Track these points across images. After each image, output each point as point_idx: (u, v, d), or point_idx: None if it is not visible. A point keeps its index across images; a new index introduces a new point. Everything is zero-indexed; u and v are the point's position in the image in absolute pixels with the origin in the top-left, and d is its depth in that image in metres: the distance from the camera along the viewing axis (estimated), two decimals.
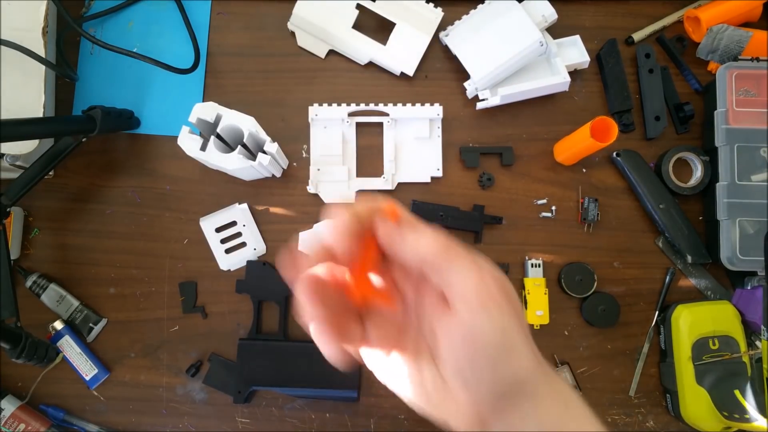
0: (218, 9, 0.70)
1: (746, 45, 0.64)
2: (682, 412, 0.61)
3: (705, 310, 0.62)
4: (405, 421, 0.64)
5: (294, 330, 0.66)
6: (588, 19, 0.70)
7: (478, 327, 0.26)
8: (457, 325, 0.27)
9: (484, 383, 0.27)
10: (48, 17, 0.62)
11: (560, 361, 0.65)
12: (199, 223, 0.66)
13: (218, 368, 0.64)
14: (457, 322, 0.27)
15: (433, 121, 0.67)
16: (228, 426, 0.64)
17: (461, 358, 0.27)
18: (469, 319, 0.27)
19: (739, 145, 0.62)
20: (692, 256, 0.64)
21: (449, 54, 0.68)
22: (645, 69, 0.68)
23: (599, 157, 0.68)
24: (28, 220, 0.67)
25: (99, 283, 0.66)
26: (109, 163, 0.68)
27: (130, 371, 0.65)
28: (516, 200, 0.67)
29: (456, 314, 0.27)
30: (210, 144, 0.58)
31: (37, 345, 0.59)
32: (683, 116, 0.67)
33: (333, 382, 0.60)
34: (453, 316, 0.27)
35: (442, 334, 0.28)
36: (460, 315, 0.27)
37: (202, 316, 0.66)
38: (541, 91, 0.65)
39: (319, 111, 0.66)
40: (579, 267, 0.65)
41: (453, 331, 0.27)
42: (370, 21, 0.68)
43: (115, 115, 0.63)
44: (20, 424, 0.62)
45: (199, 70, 0.67)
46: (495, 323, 0.27)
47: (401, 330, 0.30)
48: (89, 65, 0.69)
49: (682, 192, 0.65)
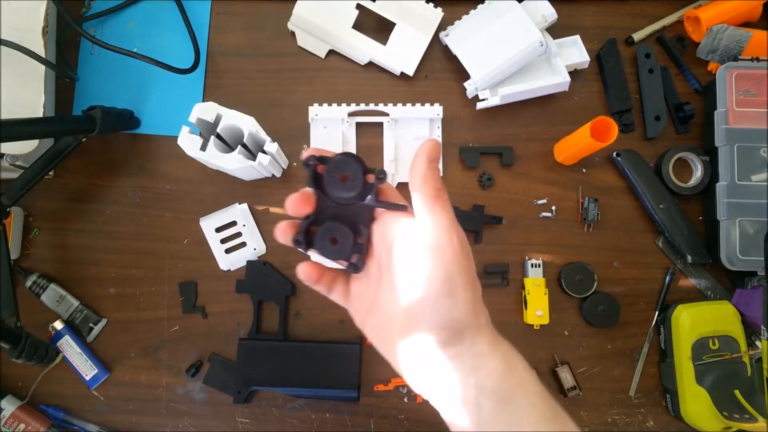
0: (218, 9, 0.70)
1: (746, 45, 0.64)
2: (682, 412, 0.61)
3: (705, 310, 0.62)
4: (405, 421, 0.64)
5: (294, 330, 0.66)
6: (588, 19, 0.70)
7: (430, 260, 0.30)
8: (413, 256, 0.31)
9: (427, 322, 0.31)
10: (48, 17, 0.62)
11: (560, 361, 0.65)
12: (199, 223, 0.66)
13: (218, 368, 0.64)
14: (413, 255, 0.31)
15: (433, 121, 0.67)
16: (228, 426, 0.64)
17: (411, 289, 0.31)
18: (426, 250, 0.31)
19: (739, 145, 0.62)
20: (692, 256, 0.64)
21: (449, 54, 0.68)
22: (645, 69, 0.68)
23: (599, 157, 0.68)
24: (28, 220, 0.67)
25: (99, 283, 0.66)
26: (109, 163, 0.68)
27: (130, 371, 0.65)
28: (516, 200, 0.67)
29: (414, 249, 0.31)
30: (210, 144, 0.58)
31: (37, 345, 0.59)
32: (683, 116, 0.67)
33: (333, 382, 0.60)
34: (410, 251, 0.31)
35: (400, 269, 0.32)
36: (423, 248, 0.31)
37: (202, 316, 0.66)
38: (541, 91, 0.65)
39: (319, 111, 0.66)
40: (579, 267, 0.65)
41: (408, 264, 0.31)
42: (370, 21, 0.68)
43: (115, 115, 0.63)
44: (20, 424, 0.62)
45: (199, 70, 0.67)
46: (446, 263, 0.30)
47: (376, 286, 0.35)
48: (89, 65, 0.69)
49: (682, 192, 0.65)
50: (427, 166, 0.32)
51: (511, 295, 0.66)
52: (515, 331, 0.66)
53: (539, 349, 0.65)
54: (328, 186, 0.33)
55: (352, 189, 0.33)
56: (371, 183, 0.33)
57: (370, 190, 0.33)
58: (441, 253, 0.30)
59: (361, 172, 0.33)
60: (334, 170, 0.33)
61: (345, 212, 0.34)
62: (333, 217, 0.34)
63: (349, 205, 0.34)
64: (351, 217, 0.34)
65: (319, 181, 0.34)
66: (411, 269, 0.31)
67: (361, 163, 0.33)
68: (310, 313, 0.66)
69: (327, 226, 0.33)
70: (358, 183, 0.33)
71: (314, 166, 0.33)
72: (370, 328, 0.35)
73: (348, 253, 0.33)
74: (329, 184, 0.33)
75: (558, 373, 0.64)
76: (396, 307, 0.33)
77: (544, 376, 0.65)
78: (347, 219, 0.34)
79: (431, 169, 0.32)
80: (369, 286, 0.35)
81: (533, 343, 0.65)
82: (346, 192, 0.33)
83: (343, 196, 0.33)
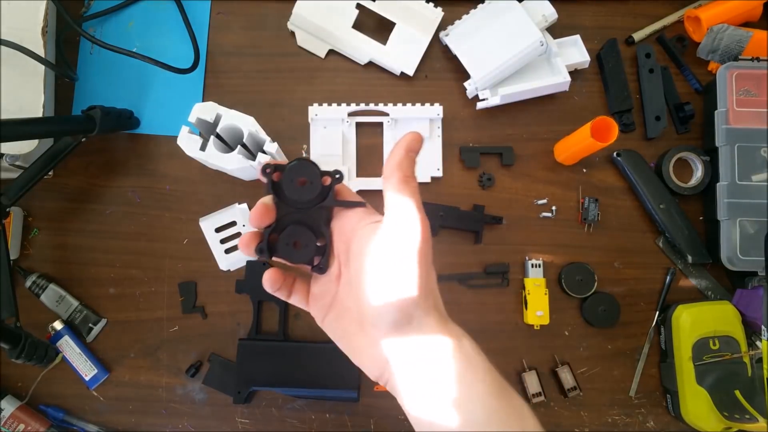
0: (218, 9, 0.70)
1: (746, 45, 0.64)
2: (682, 412, 0.61)
3: (705, 311, 0.61)
4: (405, 422, 0.64)
5: (294, 330, 0.66)
6: (588, 19, 0.70)
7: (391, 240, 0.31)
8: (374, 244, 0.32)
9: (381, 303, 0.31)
10: (48, 17, 0.62)
11: (560, 361, 0.65)
12: (199, 223, 0.66)
13: (218, 368, 0.64)
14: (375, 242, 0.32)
15: (433, 121, 0.67)
16: (228, 426, 0.64)
17: (368, 272, 0.32)
18: (389, 232, 0.32)
19: (740, 145, 0.62)
20: (693, 256, 0.64)
21: (449, 54, 0.68)
22: (645, 69, 0.68)
23: (599, 157, 0.68)
24: (28, 220, 0.67)
25: (98, 283, 0.66)
26: (108, 163, 0.68)
27: (129, 371, 0.65)
28: (516, 200, 0.67)
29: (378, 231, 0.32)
30: (210, 144, 0.58)
31: (36, 345, 0.59)
32: (683, 116, 0.67)
33: (333, 383, 0.60)
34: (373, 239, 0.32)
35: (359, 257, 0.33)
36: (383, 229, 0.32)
37: (201, 317, 0.66)
38: (542, 91, 0.65)
39: (319, 111, 0.66)
40: (579, 267, 0.65)
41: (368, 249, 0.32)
42: (370, 21, 0.67)
43: (114, 115, 0.63)
44: (20, 425, 0.62)
45: (198, 70, 0.67)
46: (407, 245, 0.31)
47: (336, 283, 0.36)
48: (89, 65, 0.69)
49: (683, 192, 0.65)
50: (404, 155, 0.33)
51: (511, 295, 0.66)
52: (515, 331, 0.66)
53: (539, 349, 0.65)
54: (287, 191, 0.34)
55: (310, 191, 0.34)
56: (328, 185, 0.35)
57: (327, 191, 0.35)
58: (403, 234, 0.31)
59: (318, 175, 0.34)
60: (292, 175, 0.34)
61: (304, 217, 0.35)
62: (293, 223, 0.35)
63: (308, 210, 0.35)
64: (310, 221, 0.35)
65: (278, 189, 0.35)
66: (369, 254, 0.32)
67: (316, 166, 0.34)
68: (309, 313, 0.66)
69: (289, 231, 0.34)
70: (316, 185, 0.34)
71: (271, 174, 0.34)
72: (329, 325, 0.36)
73: (312, 255, 0.34)
74: (288, 190, 0.34)
75: (558, 373, 0.64)
76: (353, 298, 0.34)
77: (545, 377, 0.65)
78: (307, 223, 0.35)
79: (407, 158, 0.33)
80: (329, 284, 0.36)
81: (533, 343, 0.65)
82: (305, 195, 0.34)
83: (303, 199, 0.34)
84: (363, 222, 0.34)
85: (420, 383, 0.32)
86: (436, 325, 0.32)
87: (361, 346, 0.34)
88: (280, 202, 0.35)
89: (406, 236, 0.31)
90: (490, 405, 0.31)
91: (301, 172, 0.34)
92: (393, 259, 0.31)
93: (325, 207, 0.35)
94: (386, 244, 0.32)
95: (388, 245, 0.32)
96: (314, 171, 0.34)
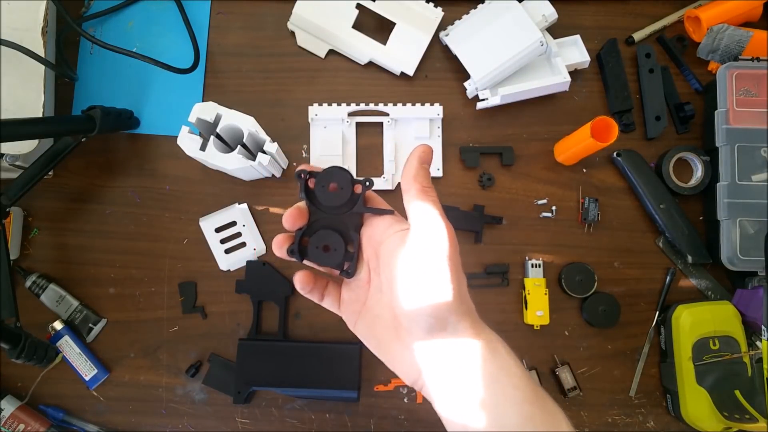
0: (218, 9, 0.70)
1: (746, 45, 0.64)
2: (682, 412, 0.61)
3: (705, 311, 0.61)
4: (405, 422, 0.64)
5: (294, 330, 0.66)
6: (588, 19, 0.70)
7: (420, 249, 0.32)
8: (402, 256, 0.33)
9: (414, 310, 0.32)
10: (48, 17, 0.62)
11: (560, 361, 0.65)
12: (199, 223, 0.66)
13: (218, 368, 0.64)
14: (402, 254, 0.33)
15: (433, 121, 0.67)
16: (228, 426, 0.64)
17: (400, 280, 0.33)
18: (416, 241, 0.32)
19: (740, 145, 0.62)
20: (693, 256, 0.64)
21: (449, 54, 0.68)
22: (645, 69, 0.68)
23: (599, 157, 0.68)
24: (28, 220, 0.67)
25: (98, 283, 0.66)
26: (108, 163, 0.68)
27: (129, 371, 0.65)
28: (516, 200, 0.67)
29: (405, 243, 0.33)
30: (210, 144, 0.58)
31: (36, 345, 0.59)
32: (683, 116, 0.67)
33: (333, 383, 0.60)
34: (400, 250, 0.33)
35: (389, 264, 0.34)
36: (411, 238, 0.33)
37: (201, 317, 0.66)
38: (542, 91, 0.65)
39: (319, 111, 0.66)
40: (579, 267, 0.65)
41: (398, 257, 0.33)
42: (370, 21, 0.67)
43: (114, 115, 0.63)
44: (20, 425, 0.62)
45: (198, 70, 0.67)
46: (436, 251, 0.32)
47: (365, 289, 0.37)
48: (89, 65, 0.69)
49: (683, 192, 0.65)
50: (419, 167, 0.34)
51: (511, 296, 0.66)
52: (515, 331, 0.66)
53: (539, 349, 0.65)
54: (319, 196, 0.36)
55: (341, 198, 0.35)
56: (358, 192, 0.36)
57: (357, 198, 0.36)
58: (431, 241, 0.32)
59: (349, 182, 0.35)
60: (324, 181, 0.36)
61: (334, 222, 0.36)
62: (324, 228, 0.36)
63: (339, 215, 0.36)
64: (341, 227, 0.36)
65: (310, 195, 0.36)
66: (400, 261, 0.33)
67: (348, 173, 0.36)
68: (310, 313, 0.66)
69: (319, 235, 0.36)
70: (346, 192, 0.35)
71: (305, 179, 0.36)
72: (361, 330, 0.37)
73: (341, 260, 0.36)
74: (320, 195, 0.36)
75: (558, 373, 0.64)
76: (385, 305, 0.35)
77: (545, 377, 0.65)
78: (337, 228, 0.36)
79: (422, 170, 0.34)
80: (359, 290, 0.37)
81: (533, 343, 0.65)
82: (336, 201, 0.36)
83: (334, 205, 0.36)
84: (391, 229, 0.35)
85: (454, 387, 0.32)
86: (470, 329, 0.32)
87: (396, 352, 0.35)
88: (312, 206, 0.36)
89: (434, 243, 0.32)
90: (524, 410, 0.31)
91: (334, 179, 0.35)
92: (424, 266, 0.32)
93: (355, 213, 0.36)
94: (415, 252, 0.32)
95: (417, 252, 0.32)
96: (346, 178, 0.35)
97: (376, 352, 0.36)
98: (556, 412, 0.32)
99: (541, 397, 0.32)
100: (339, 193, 0.35)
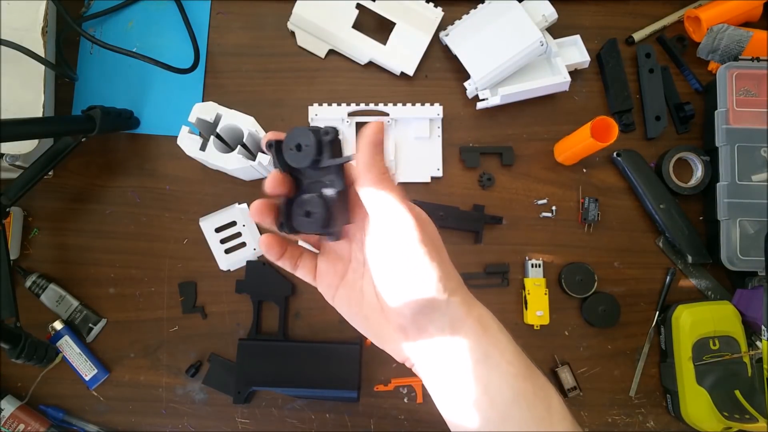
0: (218, 9, 0.70)
1: (746, 45, 0.64)
2: (682, 412, 0.61)
3: (705, 311, 0.61)
4: (405, 422, 0.64)
5: (294, 330, 0.66)
6: (588, 19, 0.70)
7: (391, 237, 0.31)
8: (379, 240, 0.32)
9: (401, 298, 0.31)
10: (48, 17, 0.62)
11: (560, 361, 0.65)
12: (199, 223, 0.66)
13: (218, 368, 0.64)
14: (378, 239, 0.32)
15: (433, 120, 0.67)
16: (228, 426, 0.64)
17: (382, 270, 0.32)
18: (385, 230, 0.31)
19: (740, 145, 0.62)
20: (693, 256, 0.64)
21: (449, 54, 0.68)
22: (645, 69, 0.68)
23: (599, 157, 0.68)
24: (28, 220, 0.67)
25: (99, 283, 0.66)
26: (108, 163, 0.68)
27: (129, 371, 0.65)
28: (516, 200, 0.67)
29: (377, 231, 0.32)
30: (210, 144, 0.58)
31: (36, 345, 0.59)
32: (684, 116, 0.67)
33: (333, 383, 0.60)
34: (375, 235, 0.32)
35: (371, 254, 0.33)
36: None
37: (201, 317, 0.66)
38: (542, 91, 0.65)
39: (319, 111, 0.66)
40: (579, 267, 0.65)
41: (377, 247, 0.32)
42: (370, 21, 0.67)
43: (114, 114, 0.63)
44: (20, 425, 0.62)
45: (198, 70, 0.67)
46: (406, 236, 0.30)
47: (345, 261, 0.36)
48: (89, 65, 0.69)
49: (683, 192, 0.65)
50: (371, 152, 0.32)
51: (511, 296, 0.66)
52: (515, 331, 0.65)
53: (539, 349, 0.65)
54: (288, 159, 0.34)
55: (307, 156, 0.33)
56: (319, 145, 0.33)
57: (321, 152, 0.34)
58: (395, 231, 0.31)
59: (312, 137, 0.33)
60: (289, 143, 0.34)
61: (317, 186, 0.35)
62: (305, 193, 0.34)
63: (320, 178, 0.34)
64: (324, 189, 0.34)
65: (284, 162, 0.34)
66: (378, 251, 0.32)
67: (310, 129, 0.33)
68: (309, 313, 0.66)
69: (299, 201, 0.34)
70: (311, 149, 0.33)
71: (274, 147, 0.34)
72: (341, 305, 0.36)
73: (322, 223, 0.33)
74: (289, 158, 0.34)
75: (558, 373, 0.64)
76: (369, 281, 0.34)
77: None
78: (319, 191, 0.34)
79: (375, 155, 0.32)
80: (337, 262, 0.36)
81: (533, 343, 0.65)
82: (303, 161, 0.34)
83: (303, 165, 0.34)
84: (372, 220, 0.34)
85: (446, 365, 0.32)
86: (462, 306, 0.31)
87: (384, 332, 0.34)
88: (294, 175, 0.35)
89: (399, 231, 0.30)
90: (518, 386, 0.31)
91: (297, 138, 0.33)
92: (396, 257, 0.31)
93: (332, 171, 0.34)
94: (380, 244, 0.31)
95: (382, 245, 0.31)
96: (308, 134, 0.33)
97: (360, 329, 0.35)
98: (547, 387, 0.32)
99: (533, 372, 0.32)
100: (304, 151, 0.33)
